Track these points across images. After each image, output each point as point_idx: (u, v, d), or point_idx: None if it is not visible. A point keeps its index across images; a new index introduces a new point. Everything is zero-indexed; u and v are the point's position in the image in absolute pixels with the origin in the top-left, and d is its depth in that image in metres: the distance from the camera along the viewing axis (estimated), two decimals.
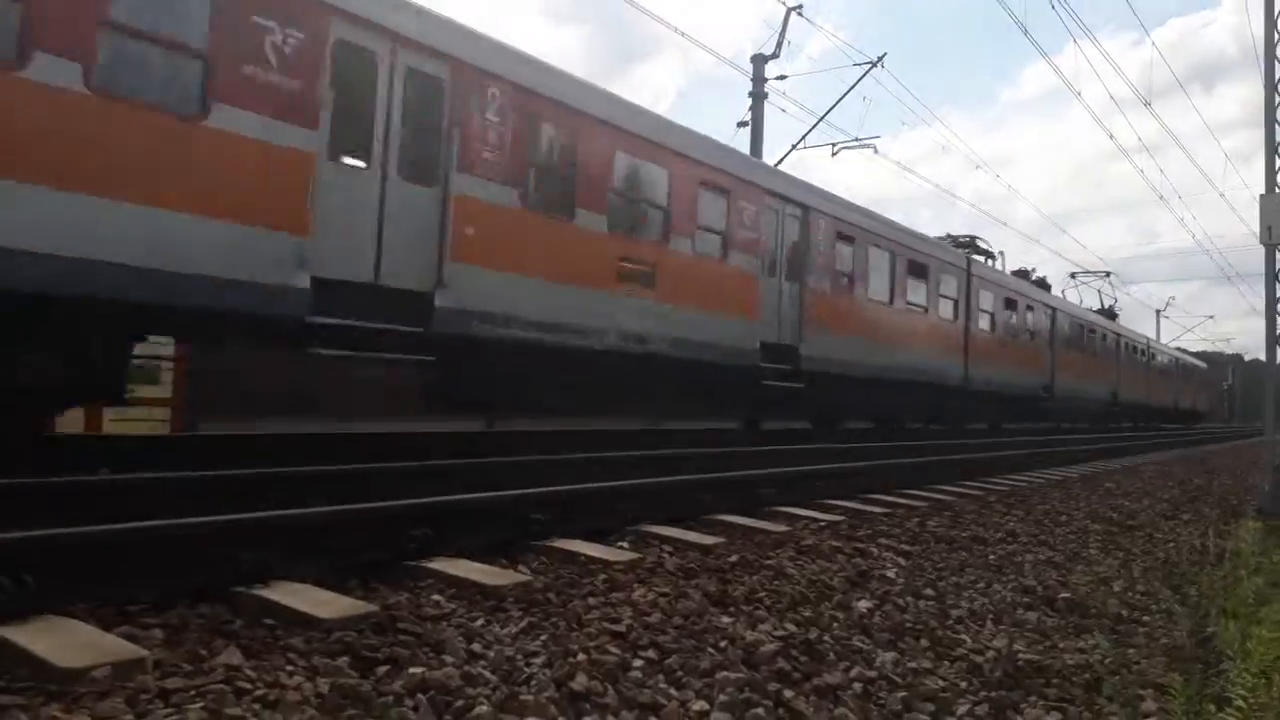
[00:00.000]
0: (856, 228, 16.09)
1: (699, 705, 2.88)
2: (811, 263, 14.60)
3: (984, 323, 21.34)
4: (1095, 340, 30.20)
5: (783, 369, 13.69)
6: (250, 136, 7.00)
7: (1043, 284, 27.76)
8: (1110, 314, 36.04)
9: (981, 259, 22.35)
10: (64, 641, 2.82)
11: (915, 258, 18.07)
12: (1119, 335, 33.53)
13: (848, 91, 20.89)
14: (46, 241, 5.90)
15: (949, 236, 22.92)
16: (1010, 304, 22.85)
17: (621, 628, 3.46)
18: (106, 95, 6.19)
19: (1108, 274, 38.23)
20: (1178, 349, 50.52)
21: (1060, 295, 30.86)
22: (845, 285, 15.80)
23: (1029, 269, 27.59)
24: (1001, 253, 26.80)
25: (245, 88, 6.97)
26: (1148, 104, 28.98)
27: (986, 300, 21.45)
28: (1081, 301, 34.86)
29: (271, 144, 7.14)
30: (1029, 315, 24.29)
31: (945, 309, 19.44)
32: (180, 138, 6.62)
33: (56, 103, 5.95)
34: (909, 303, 17.91)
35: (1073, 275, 37.95)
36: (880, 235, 16.93)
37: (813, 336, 14.46)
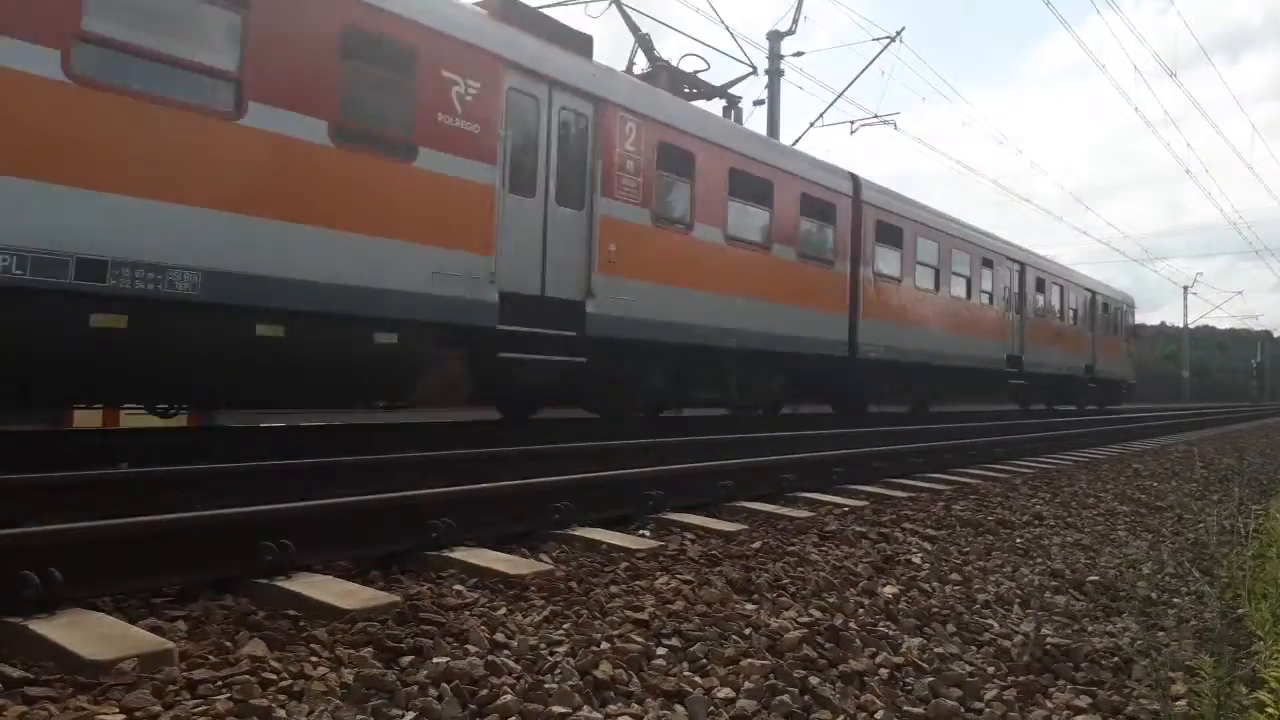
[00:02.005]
0: (1049, 274, 24.72)
1: (724, 692, 2.86)
2: (1028, 301, 23.09)
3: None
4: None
5: (1014, 371, 22.22)
6: None
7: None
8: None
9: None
10: (90, 634, 2.84)
11: (1075, 291, 27.10)
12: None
13: (866, 67, 19.82)
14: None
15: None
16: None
17: (645, 616, 3.44)
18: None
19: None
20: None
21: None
22: (1043, 311, 24.47)
23: None
24: None
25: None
26: (1173, 75, 28.64)
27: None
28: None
29: None
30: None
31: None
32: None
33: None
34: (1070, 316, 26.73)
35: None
36: (1059, 276, 25.82)
37: (1029, 347, 22.91)
